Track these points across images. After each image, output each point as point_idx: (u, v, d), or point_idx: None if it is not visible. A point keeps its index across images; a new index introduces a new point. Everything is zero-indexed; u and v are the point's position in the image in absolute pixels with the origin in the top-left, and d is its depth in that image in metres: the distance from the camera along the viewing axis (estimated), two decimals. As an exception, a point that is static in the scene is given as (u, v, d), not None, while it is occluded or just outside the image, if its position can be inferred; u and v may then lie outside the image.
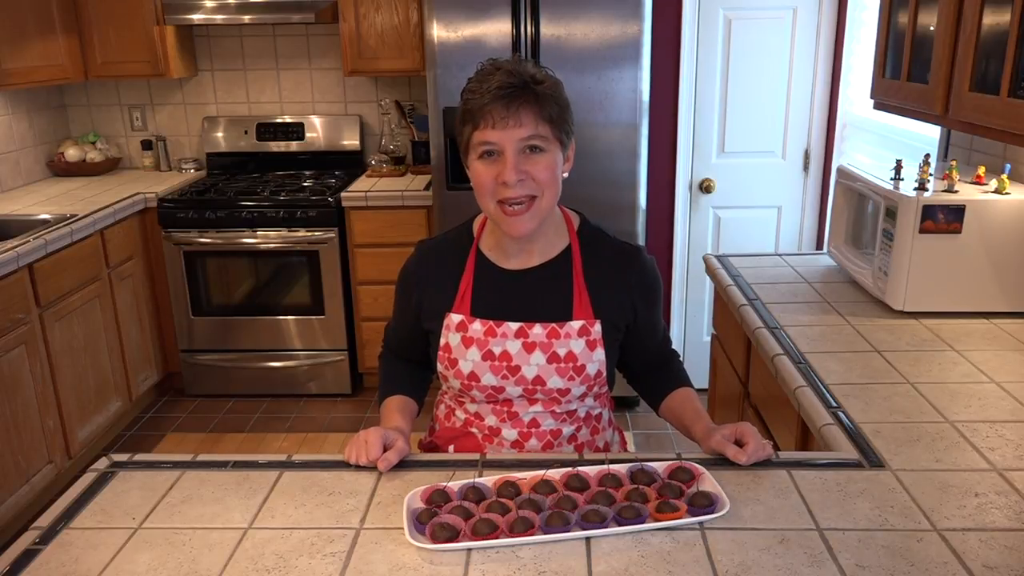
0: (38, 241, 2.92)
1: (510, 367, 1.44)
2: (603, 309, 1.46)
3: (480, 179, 1.37)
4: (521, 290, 1.47)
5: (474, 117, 1.34)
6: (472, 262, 1.49)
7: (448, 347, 1.47)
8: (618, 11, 3.13)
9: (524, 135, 1.34)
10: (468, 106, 1.36)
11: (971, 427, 1.43)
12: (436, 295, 1.50)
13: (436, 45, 3.20)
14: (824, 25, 3.41)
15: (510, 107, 1.32)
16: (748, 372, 2.14)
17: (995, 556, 1.09)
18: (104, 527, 1.20)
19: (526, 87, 1.33)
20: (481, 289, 1.47)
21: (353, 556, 1.12)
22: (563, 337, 1.44)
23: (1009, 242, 1.90)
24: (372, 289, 3.74)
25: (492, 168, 1.35)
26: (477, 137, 1.35)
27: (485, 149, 1.35)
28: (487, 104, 1.32)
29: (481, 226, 1.52)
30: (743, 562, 1.09)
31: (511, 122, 1.32)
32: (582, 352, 1.45)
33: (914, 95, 1.99)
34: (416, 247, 1.58)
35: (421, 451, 1.64)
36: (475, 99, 1.34)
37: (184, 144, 4.30)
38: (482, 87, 1.33)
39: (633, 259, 1.50)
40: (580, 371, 1.45)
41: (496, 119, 1.32)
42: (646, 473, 1.27)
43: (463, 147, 1.41)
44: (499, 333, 1.44)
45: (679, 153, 3.57)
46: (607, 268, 1.49)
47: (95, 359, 3.33)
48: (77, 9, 3.73)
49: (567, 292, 1.46)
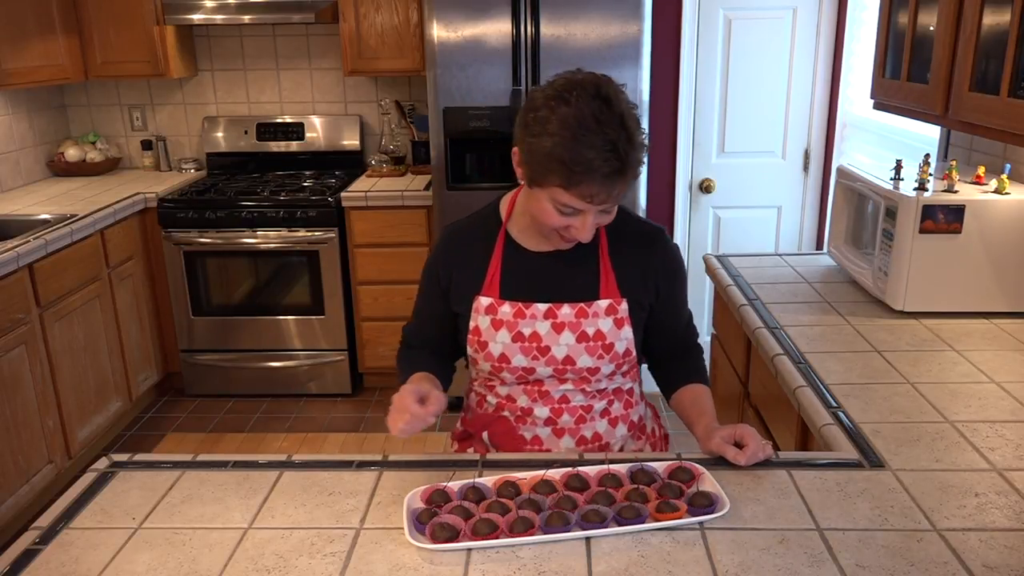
0: (38, 241, 2.92)
1: (540, 347, 1.45)
2: (629, 288, 1.48)
3: (547, 217, 1.35)
4: (549, 271, 1.48)
5: (567, 180, 1.27)
6: (500, 245, 1.49)
7: (478, 330, 1.48)
8: (618, 11, 3.13)
9: (609, 206, 1.34)
10: (560, 160, 1.26)
11: (971, 427, 1.43)
12: (465, 278, 1.50)
13: (436, 45, 3.20)
14: (824, 25, 3.41)
15: (610, 189, 1.29)
16: (748, 372, 2.14)
17: (995, 556, 1.09)
18: (104, 527, 1.20)
19: (626, 171, 1.28)
20: (510, 271, 1.48)
21: (353, 556, 1.12)
22: (591, 316, 1.46)
23: (1009, 242, 1.90)
24: (372, 289, 3.75)
25: (563, 218, 1.34)
26: (564, 197, 1.30)
27: (566, 205, 1.32)
28: (587, 180, 1.26)
29: (509, 209, 1.52)
30: (743, 562, 1.09)
31: (601, 199, 1.30)
32: (610, 331, 1.46)
33: (914, 95, 1.99)
34: (443, 232, 1.57)
35: (455, 440, 1.64)
36: (571, 161, 1.25)
37: (184, 144, 4.30)
38: (582, 151, 1.24)
39: (657, 239, 1.52)
40: (608, 349, 1.47)
41: (592, 196, 1.29)
42: (646, 473, 1.27)
43: (536, 180, 1.33)
44: (528, 314, 1.45)
45: (679, 153, 3.57)
46: (632, 248, 1.50)
47: (95, 359, 3.33)
48: (77, 9, 3.73)
49: (594, 272, 1.48)
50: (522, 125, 1.33)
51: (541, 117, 1.29)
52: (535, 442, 1.51)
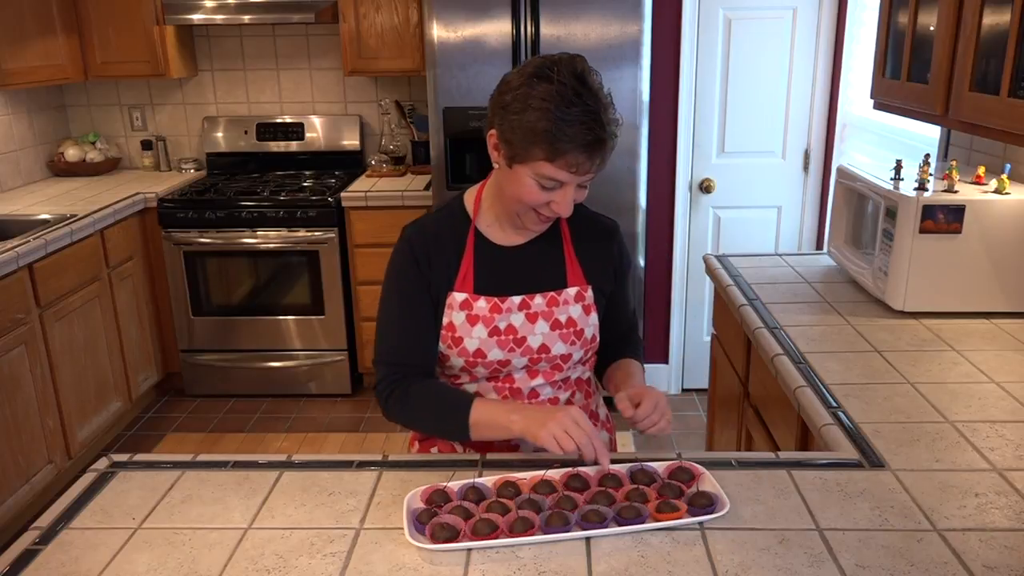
0: (38, 241, 2.92)
1: (516, 339, 1.47)
2: (592, 276, 1.53)
3: (528, 194, 1.37)
4: (519, 264, 1.50)
5: (552, 151, 1.30)
6: (472, 240, 1.50)
7: (452, 326, 1.47)
8: (618, 11, 3.13)
9: (588, 179, 1.37)
10: (545, 132, 1.29)
11: (971, 427, 1.43)
12: (436, 276, 1.49)
13: (436, 45, 3.20)
14: (824, 25, 3.41)
15: (592, 158, 1.32)
16: (748, 372, 2.14)
17: (995, 556, 1.09)
18: (104, 527, 1.20)
19: (606, 141, 1.33)
20: (482, 266, 1.49)
21: (353, 556, 1.12)
22: (562, 304, 1.49)
23: (1009, 242, 1.90)
24: (372, 289, 3.74)
25: (545, 193, 1.36)
26: (548, 170, 1.33)
27: (549, 179, 1.35)
28: (571, 150, 1.30)
29: (476, 205, 1.52)
30: (743, 562, 1.09)
31: (584, 168, 1.33)
32: (580, 316, 1.50)
33: (914, 95, 1.99)
34: (407, 229, 1.52)
35: (414, 441, 1.62)
36: (556, 131, 1.29)
37: (184, 144, 4.30)
38: (566, 122, 1.28)
39: (614, 232, 1.59)
40: (580, 335, 1.50)
41: (576, 165, 1.32)
42: (646, 473, 1.27)
43: (518, 157, 1.34)
44: (504, 308, 1.47)
45: (679, 153, 3.57)
46: (592, 239, 1.55)
47: (95, 359, 3.33)
48: (77, 9, 3.73)
49: (560, 261, 1.52)
50: (499, 106, 1.36)
51: (521, 95, 1.32)
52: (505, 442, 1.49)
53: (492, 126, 1.38)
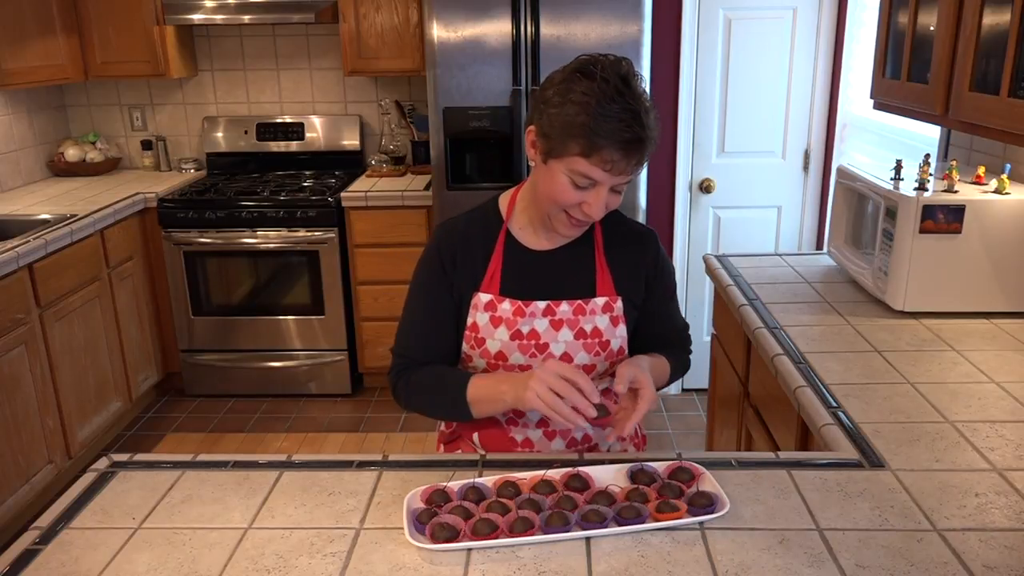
0: (38, 241, 2.92)
1: (538, 345, 1.46)
2: (623, 287, 1.50)
3: (561, 193, 1.35)
4: (547, 269, 1.49)
5: (588, 146, 1.29)
6: (502, 242, 1.49)
7: (476, 327, 1.47)
8: (618, 11, 3.13)
9: (623, 182, 1.36)
10: (582, 126, 1.28)
11: (971, 427, 1.43)
12: (463, 274, 1.49)
13: (436, 45, 3.20)
14: (824, 25, 3.41)
15: (629, 159, 1.31)
16: (748, 372, 2.14)
17: (995, 556, 1.09)
18: (104, 527, 1.20)
19: (644, 141, 1.31)
20: (510, 268, 1.48)
21: (353, 556, 1.12)
22: (588, 314, 1.47)
23: (1009, 242, 1.90)
24: (372, 289, 3.75)
25: (578, 193, 1.35)
26: (583, 167, 1.31)
27: (583, 176, 1.33)
28: (607, 146, 1.28)
29: (510, 207, 1.51)
30: (743, 562, 1.09)
31: (621, 168, 1.32)
32: (607, 328, 1.47)
33: (914, 95, 1.99)
34: (438, 230, 1.54)
35: (441, 443, 1.63)
36: (594, 126, 1.27)
37: (184, 144, 4.30)
38: (604, 117, 1.27)
39: (650, 240, 1.55)
40: (605, 347, 1.48)
41: (612, 163, 1.30)
42: (646, 473, 1.27)
43: (554, 151, 1.33)
44: (528, 312, 1.46)
45: (679, 153, 3.57)
46: (626, 248, 1.52)
47: (95, 359, 3.33)
48: (77, 9, 3.73)
49: (590, 269, 1.49)
50: (540, 101, 1.35)
51: (562, 89, 1.31)
52: (526, 444, 1.51)
53: (532, 122, 1.37)
